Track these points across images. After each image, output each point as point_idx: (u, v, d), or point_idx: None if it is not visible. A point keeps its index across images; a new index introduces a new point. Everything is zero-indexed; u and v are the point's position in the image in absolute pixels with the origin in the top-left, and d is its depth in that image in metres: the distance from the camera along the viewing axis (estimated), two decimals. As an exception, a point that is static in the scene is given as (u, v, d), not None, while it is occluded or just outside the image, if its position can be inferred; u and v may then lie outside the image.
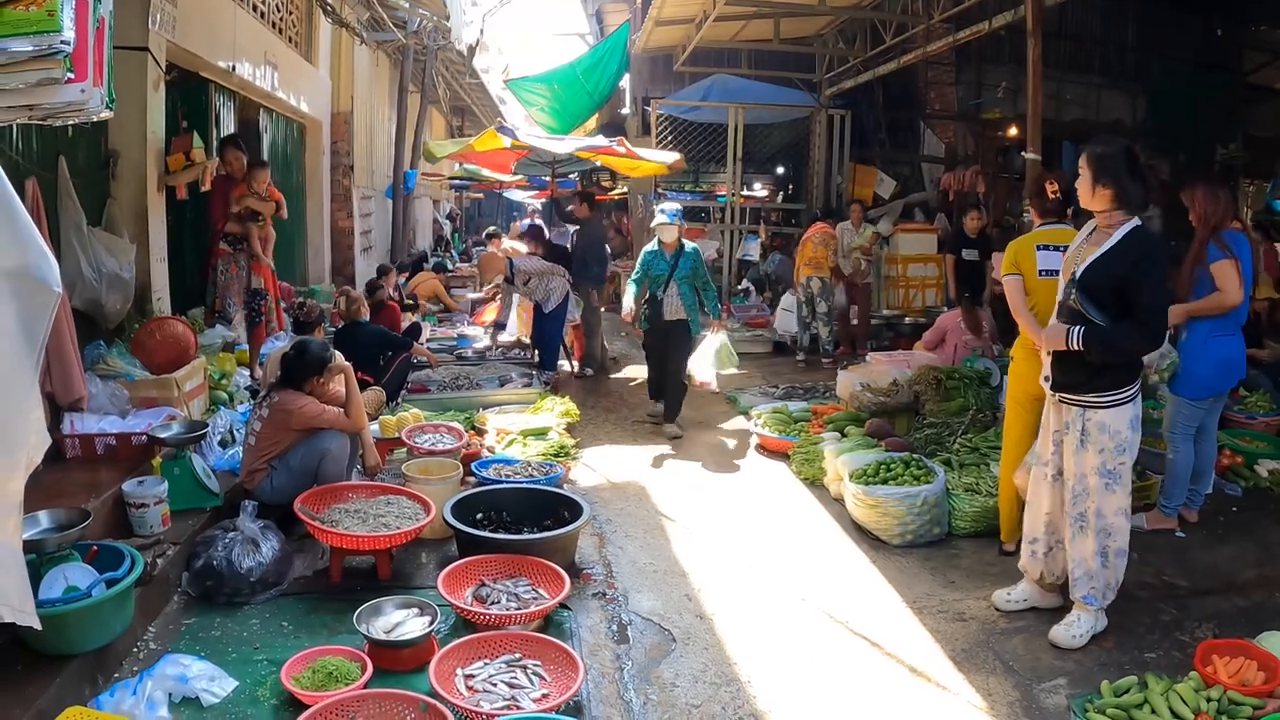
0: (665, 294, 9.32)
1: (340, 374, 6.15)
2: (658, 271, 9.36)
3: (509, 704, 4.06)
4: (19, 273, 3.30)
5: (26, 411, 3.46)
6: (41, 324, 3.41)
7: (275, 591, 5.34)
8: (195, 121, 9.23)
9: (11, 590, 3.18)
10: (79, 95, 2.56)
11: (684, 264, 9.36)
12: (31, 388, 3.47)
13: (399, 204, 17.07)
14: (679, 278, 9.33)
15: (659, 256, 9.39)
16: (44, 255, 3.35)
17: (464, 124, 32.10)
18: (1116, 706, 4.10)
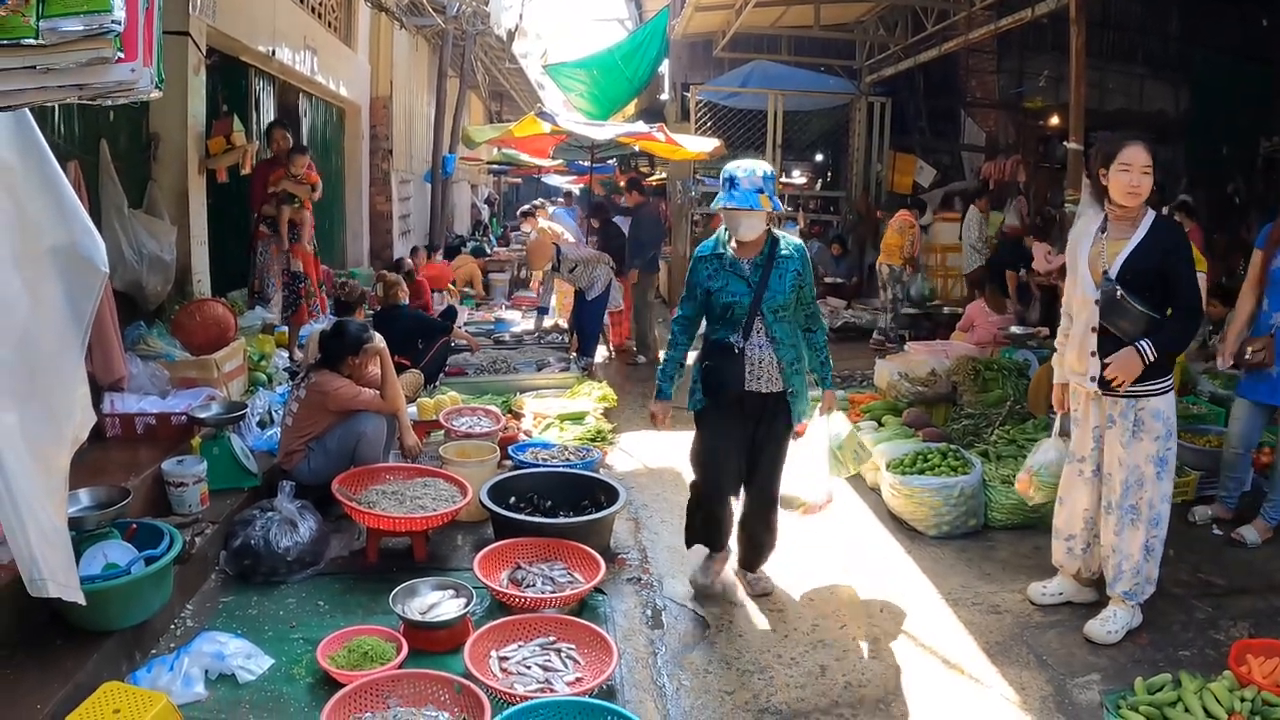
0: (748, 342, 5.08)
1: (377, 355, 6.16)
2: (728, 298, 5.07)
3: (543, 687, 4.06)
4: (66, 251, 3.32)
5: (73, 388, 3.49)
6: (88, 302, 3.43)
7: (312, 571, 5.37)
8: (235, 106, 9.26)
9: (58, 565, 3.21)
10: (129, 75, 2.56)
11: (781, 279, 5.07)
12: (78, 365, 3.49)
13: (437, 188, 17.11)
14: (772, 307, 5.08)
15: (727, 269, 5.10)
16: (90, 234, 3.37)
17: (502, 109, 32.12)
18: (1150, 704, 4.04)
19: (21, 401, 3.04)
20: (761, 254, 5.06)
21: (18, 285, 3.06)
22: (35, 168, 3.21)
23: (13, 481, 2.89)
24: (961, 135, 18.43)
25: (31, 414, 3.11)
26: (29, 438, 3.05)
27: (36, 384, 3.19)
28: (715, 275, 5.08)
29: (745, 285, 5.01)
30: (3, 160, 3.08)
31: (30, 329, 3.13)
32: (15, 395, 2.99)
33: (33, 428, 3.10)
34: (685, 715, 4.28)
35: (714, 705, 4.36)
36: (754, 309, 5.02)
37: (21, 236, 3.11)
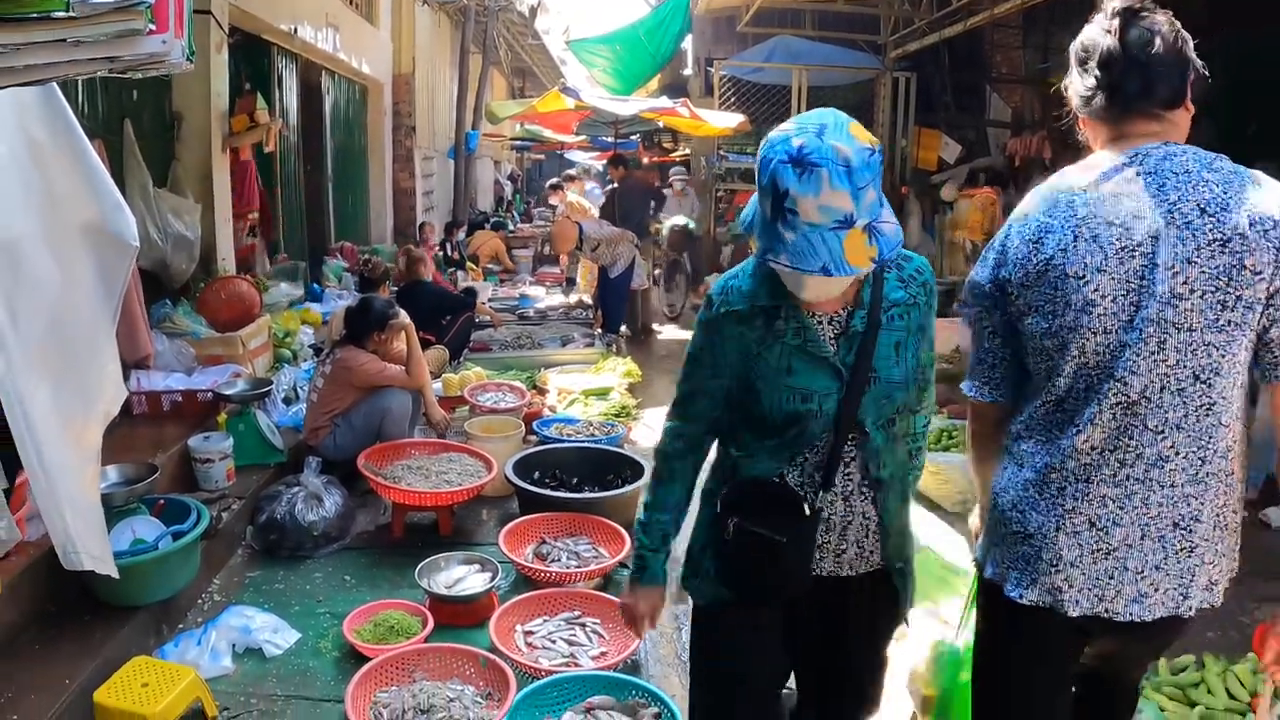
0: (830, 490, 2.49)
1: (402, 331, 6.16)
2: (796, 402, 2.42)
3: (568, 661, 4.08)
4: (96, 227, 3.33)
5: (104, 363, 3.50)
6: (118, 277, 3.44)
7: (338, 546, 5.39)
8: (258, 84, 9.26)
9: (91, 538, 3.23)
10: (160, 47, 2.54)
11: (898, 351, 2.47)
12: (109, 340, 3.51)
13: (460, 164, 17.09)
14: (881, 415, 2.48)
15: (788, 339, 2.43)
16: (120, 209, 3.38)
17: (525, 85, 32.05)
18: (1173, 685, 4.02)
19: (54, 377, 3.05)
20: (858, 304, 2.43)
21: (49, 261, 3.07)
22: (65, 144, 3.21)
23: (46, 455, 2.91)
24: (987, 111, 18.27)
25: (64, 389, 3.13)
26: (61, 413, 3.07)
27: (68, 360, 3.21)
28: (764, 351, 2.43)
29: (831, 373, 2.41)
30: (33, 137, 3.09)
31: (62, 305, 3.14)
32: (48, 370, 3.01)
33: (65, 403, 3.12)
34: (710, 689, 4.27)
35: (737, 680, 4.35)
36: (845, 421, 2.42)
37: (52, 213, 3.12)
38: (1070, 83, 2.44)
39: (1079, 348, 2.19)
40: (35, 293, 2.98)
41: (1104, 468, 2.22)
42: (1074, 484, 2.25)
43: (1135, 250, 2.13)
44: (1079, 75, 2.38)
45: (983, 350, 2.46)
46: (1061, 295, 2.20)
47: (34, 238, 3.00)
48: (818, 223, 2.09)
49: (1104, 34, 2.30)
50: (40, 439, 2.87)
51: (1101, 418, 2.19)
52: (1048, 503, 2.30)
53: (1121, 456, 2.20)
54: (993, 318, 2.40)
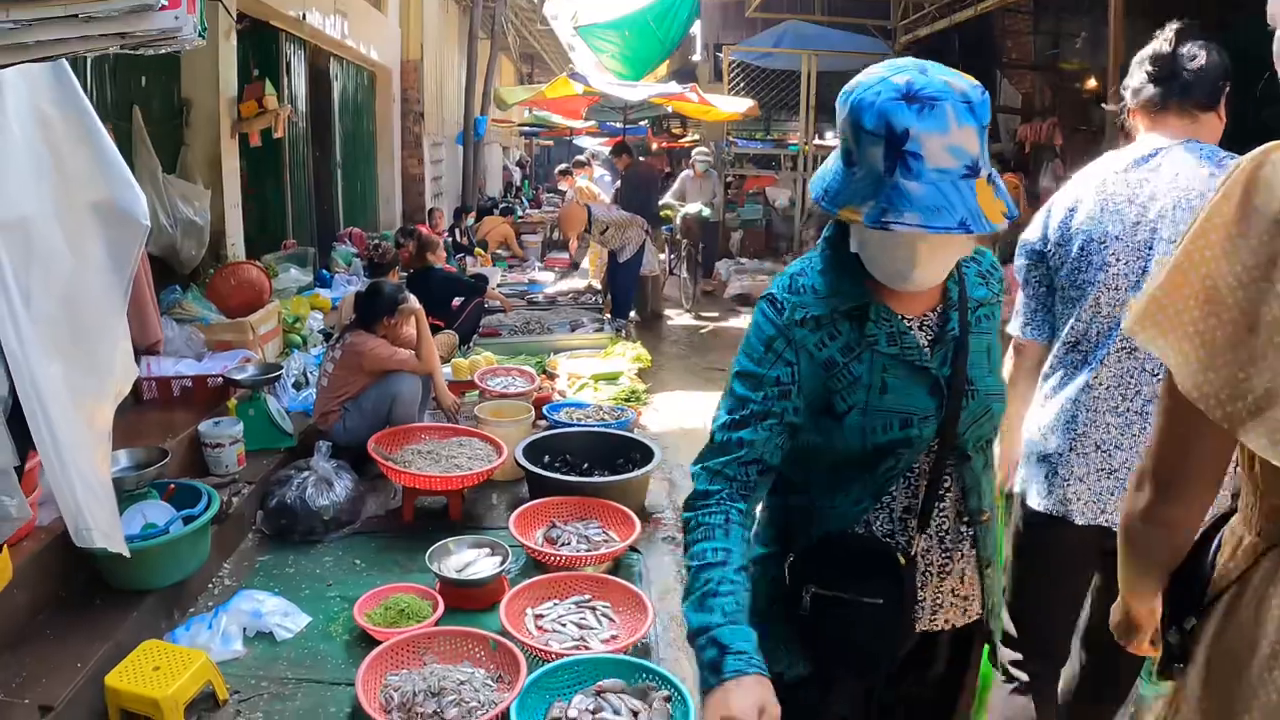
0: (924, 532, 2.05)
1: (412, 316, 6.16)
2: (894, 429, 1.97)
3: (578, 644, 4.07)
4: (107, 205, 3.33)
5: (115, 342, 3.50)
6: (129, 256, 3.44)
7: (348, 530, 5.40)
8: (266, 70, 9.24)
9: (103, 517, 3.23)
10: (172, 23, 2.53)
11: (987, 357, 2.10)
12: (120, 319, 3.50)
13: (469, 150, 17.07)
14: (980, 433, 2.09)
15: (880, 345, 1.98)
16: (131, 188, 3.37)
17: (533, 71, 32.02)
18: None
19: (65, 354, 3.05)
20: (947, 304, 2.09)
21: (60, 239, 3.06)
22: (76, 122, 3.21)
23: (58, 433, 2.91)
24: (997, 97, 18.19)
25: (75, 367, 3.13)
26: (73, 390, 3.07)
27: (79, 337, 3.20)
28: (850, 364, 2.00)
29: (930, 388, 2.02)
30: (43, 114, 3.08)
31: (73, 282, 3.14)
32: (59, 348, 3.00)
33: (76, 380, 3.11)
34: (720, 672, 4.27)
35: (748, 663, 4.34)
36: (946, 447, 2.04)
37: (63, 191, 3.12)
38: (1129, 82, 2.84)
39: (1094, 300, 2.71)
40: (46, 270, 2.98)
41: (1110, 400, 2.71)
42: (1085, 413, 2.74)
43: (1146, 225, 2.63)
44: (1136, 73, 2.81)
45: (1030, 298, 2.96)
46: (1085, 255, 2.73)
47: (45, 216, 3.00)
48: (947, 167, 1.74)
49: (1163, 43, 2.75)
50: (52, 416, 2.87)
51: (1109, 359, 2.70)
52: (1064, 428, 2.78)
53: (1124, 392, 2.70)
54: (1038, 271, 2.91)
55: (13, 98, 2.88)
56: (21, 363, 2.78)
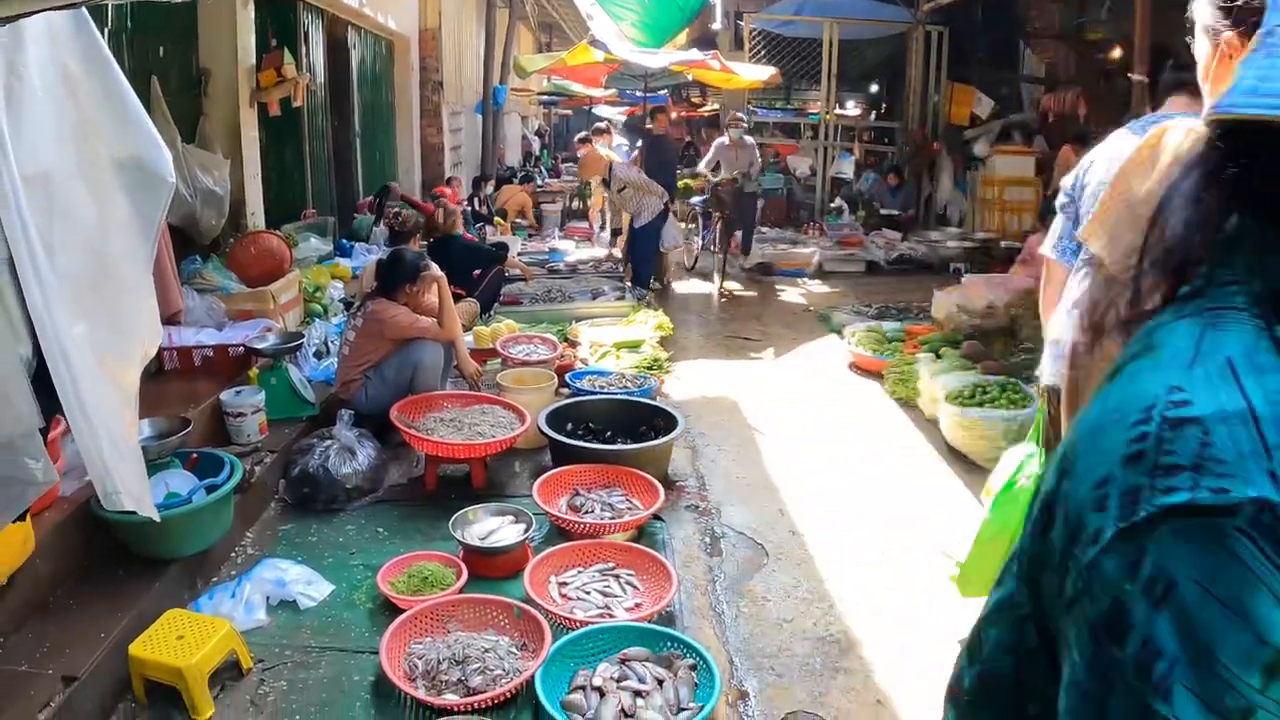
0: None
1: (434, 284, 6.13)
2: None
3: (602, 612, 4.06)
4: (132, 161, 3.29)
5: (141, 301, 3.47)
6: (155, 214, 3.40)
7: (371, 498, 5.39)
8: (284, 40, 9.19)
9: (132, 479, 3.20)
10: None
11: None
12: (146, 278, 3.47)
13: (489, 120, 16.99)
14: None
15: None
16: (157, 145, 3.33)
17: (551, 40, 31.85)
18: None
19: (90, 313, 3.02)
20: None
21: (82, 193, 3.03)
22: (99, 77, 3.16)
23: (84, 393, 2.87)
24: (1021, 67, 18.02)
25: (101, 326, 3.09)
26: (99, 350, 3.03)
27: (104, 296, 3.17)
28: None
29: None
30: (68, 69, 3.04)
31: (97, 239, 3.10)
32: (84, 306, 2.97)
33: (102, 340, 3.08)
34: (744, 642, 4.26)
35: (772, 633, 4.34)
36: None
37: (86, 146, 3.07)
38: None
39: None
40: (70, 227, 2.94)
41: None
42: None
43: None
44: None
45: (1064, 229, 3.77)
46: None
47: (68, 171, 2.96)
48: None
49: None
50: (78, 376, 2.84)
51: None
52: (1070, 321, 3.58)
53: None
54: (1069, 209, 3.75)
55: (35, 51, 2.83)
56: (46, 321, 2.74)
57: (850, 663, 4.13)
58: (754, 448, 6.66)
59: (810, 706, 3.84)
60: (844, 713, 3.80)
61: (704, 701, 3.42)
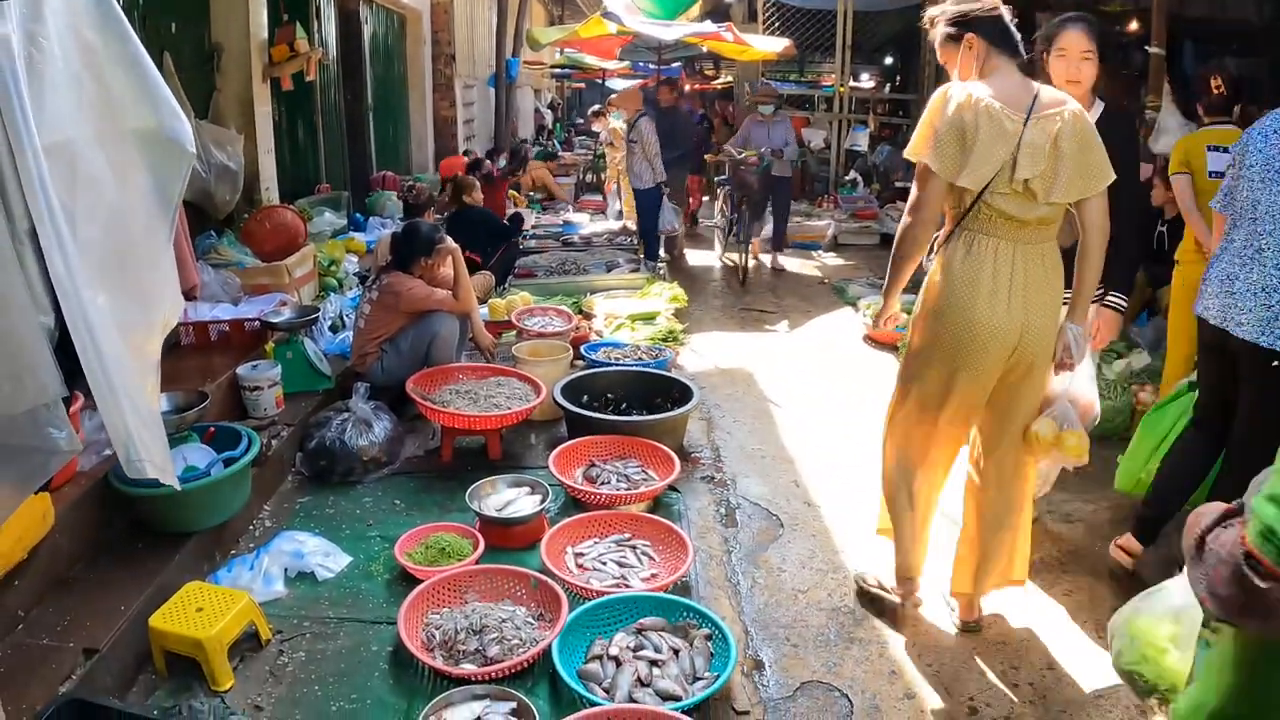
0: None
1: (449, 256, 6.13)
2: None
3: (618, 582, 4.08)
4: (152, 132, 3.28)
5: (162, 271, 3.47)
6: (175, 184, 3.40)
7: (387, 470, 5.41)
8: (296, 14, 9.18)
9: (155, 447, 3.21)
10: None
11: None
12: (166, 248, 3.47)
13: (501, 93, 16.98)
14: None
15: None
16: (176, 115, 3.33)
17: (564, 13, 31.77)
18: None
19: (112, 282, 3.02)
20: None
21: (103, 163, 3.03)
22: (118, 48, 3.16)
23: (108, 361, 2.88)
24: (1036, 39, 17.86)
25: (122, 295, 3.09)
26: (121, 318, 3.03)
27: (126, 266, 3.17)
28: None
29: None
30: (87, 40, 3.04)
31: (118, 209, 3.10)
32: (106, 275, 2.97)
33: (123, 310, 3.08)
34: (759, 612, 4.28)
35: (788, 603, 4.35)
36: None
37: (106, 116, 3.07)
38: None
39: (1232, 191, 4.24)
40: (92, 196, 2.94)
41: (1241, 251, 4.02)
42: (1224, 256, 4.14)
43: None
44: None
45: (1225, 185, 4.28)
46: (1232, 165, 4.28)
47: (88, 140, 2.96)
48: None
49: None
50: (101, 344, 2.84)
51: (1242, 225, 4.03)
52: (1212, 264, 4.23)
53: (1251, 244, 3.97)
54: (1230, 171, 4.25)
55: (53, 22, 2.83)
56: (70, 290, 2.75)
57: (864, 633, 4.13)
58: (769, 419, 6.66)
59: (825, 677, 3.85)
60: (858, 683, 3.81)
61: (719, 671, 3.44)
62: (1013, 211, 3.52)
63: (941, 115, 3.54)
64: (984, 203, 3.54)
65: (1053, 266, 3.67)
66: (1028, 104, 3.56)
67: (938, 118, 3.56)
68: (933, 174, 3.54)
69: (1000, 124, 3.48)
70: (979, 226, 3.59)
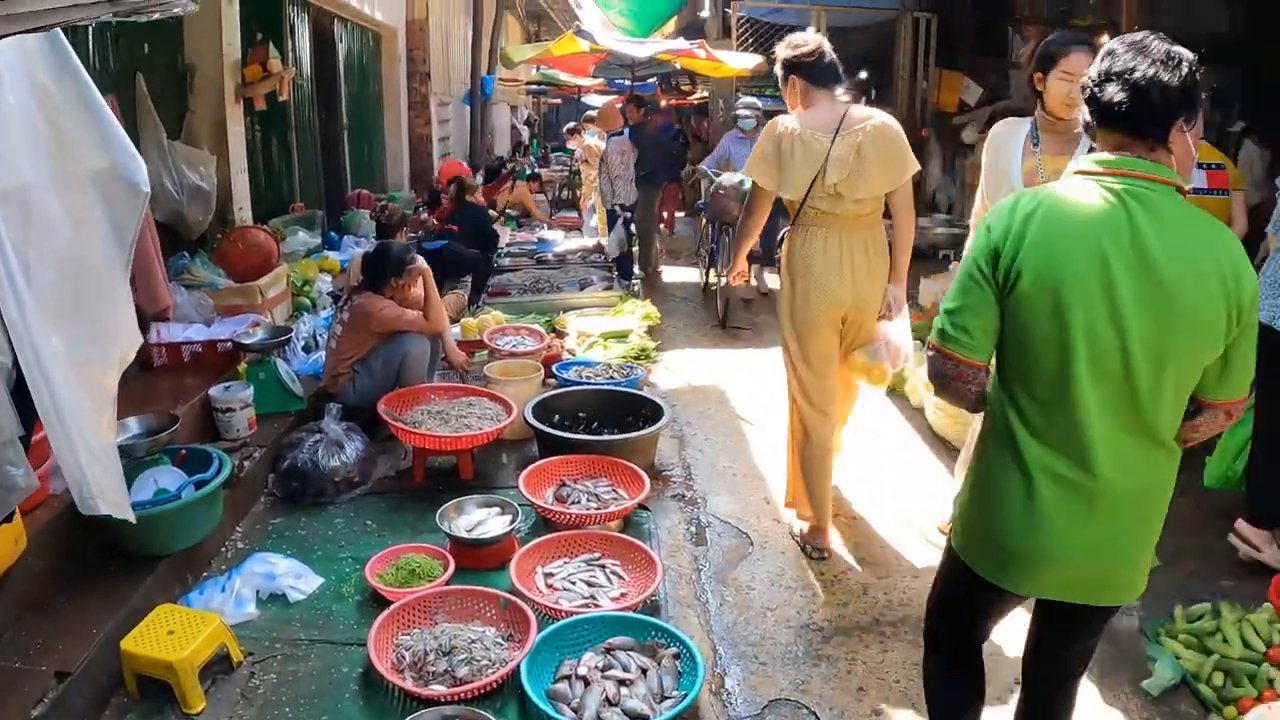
0: None
1: (420, 276, 6.17)
2: None
3: (587, 602, 4.10)
4: (106, 173, 3.33)
5: (118, 310, 3.51)
6: (131, 223, 3.44)
7: (359, 491, 5.43)
8: (270, 34, 9.18)
9: (108, 484, 3.25)
10: (162, -12, 2.53)
11: None
12: (123, 286, 3.51)
13: (477, 110, 17.01)
14: None
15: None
16: (131, 156, 3.37)
17: (540, 30, 31.84)
18: (1189, 633, 4.05)
19: (68, 323, 3.06)
20: None
21: (59, 208, 3.07)
22: (72, 91, 3.20)
23: (61, 402, 2.92)
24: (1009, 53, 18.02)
25: (79, 335, 3.14)
26: (76, 359, 3.08)
27: (82, 306, 3.21)
28: None
29: None
30: (40, 84, 3.08)
31: (74, 251, 3.15)
32: (62, 317, 3.01)
33: (79, 349, 3.12)
34: (728, 630, 4.33)
35: (756, 621, 4.41)
36: None
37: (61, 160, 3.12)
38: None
39: None
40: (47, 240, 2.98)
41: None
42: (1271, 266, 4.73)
43: None
44: None
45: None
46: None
47: (43, 185, 3.00)
48: None
49: None
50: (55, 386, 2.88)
51: None
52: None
53: None
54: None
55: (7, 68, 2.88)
56: (23, 333, 2.78)
57: (832, 650, 4.18)
58: (741, 437, 6.71)
59: (792, 694, 3.89)
60: (826, 700, 3.85)
61: (687, 690, 3.47)
62: (828, 209, 4.69)
63: (766, 143, 4.79)
64: (808, 204, 4.73)
65: (875, 246, 4.81)
66: (835, 125, 4.67)
67: (764, 144, 4.81)
68: (759, 186, 4.89)
69: (810, 146, 4.65)
70: (808, 221, 4.79)
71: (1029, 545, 2.50)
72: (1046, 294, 2.33)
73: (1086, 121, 2.49)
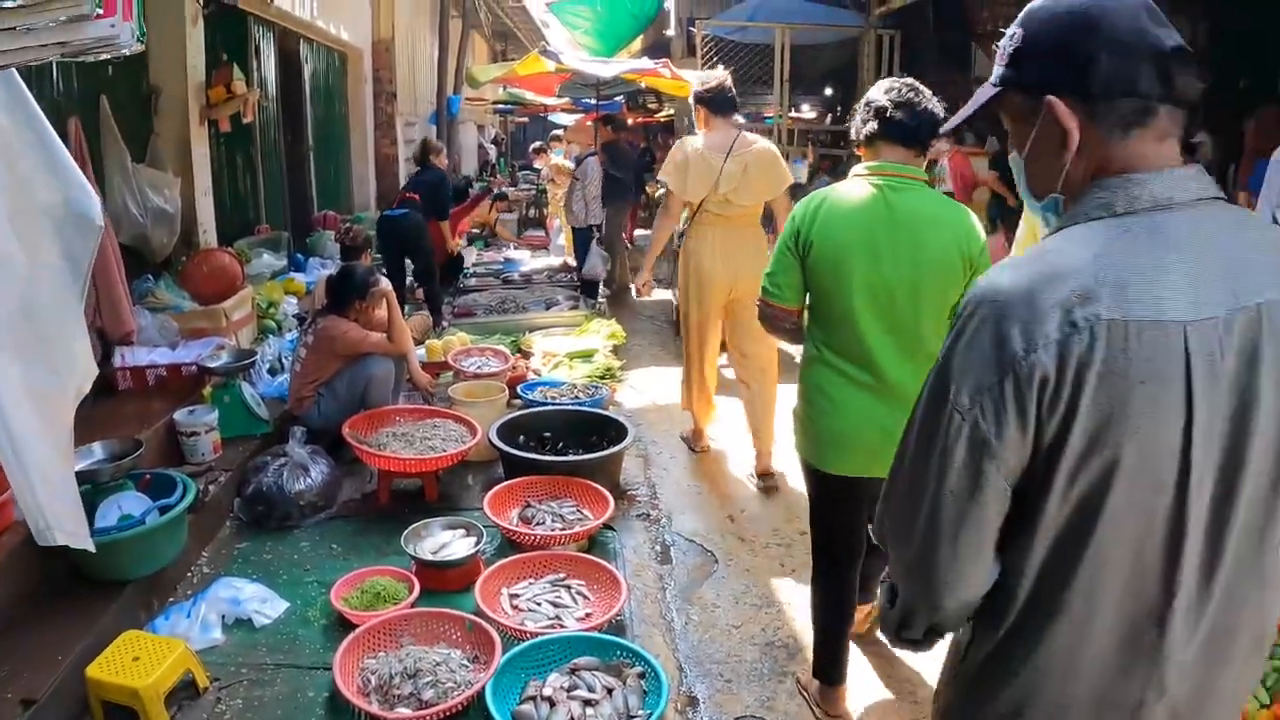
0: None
1: (384, 299, 6.19)
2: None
3: (553, 623, 4.13)
4: (60, 207, 3.35)
5: (74, 341, 3.53)
6: (85, 257, 3.46)
7: (325, 515, 5.44)
8: (234, 55, 9.18)
9: (65, 514, 3.26)
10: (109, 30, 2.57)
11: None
12: (78, 319, 3.53)
13: (443, 130, 17.01)
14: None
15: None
16: (84, 190, 3.39)
17: (507, 49, 31.85)
18: None
19: (24, 356, 3.08)
20: None
21: (13, 243, 3.08)
22: (25, 126, 3.23)
23: (16, 435, 2.94)
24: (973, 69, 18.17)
25: (34, 368, 3.15)
26: (32, 391, 3.09)
27: (38, 339, 3.23)
28: None
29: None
30: None
31: (29, 286, 3.16)
32: (17, 350, 3.03)
33: (36, 381, 3.14)
34: (694, 649, 4.36)
35: (721, 639, 4.44)
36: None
37: (15, 195, 3.13)
38: None
39: None
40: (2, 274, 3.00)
41: None
42: None
43: None
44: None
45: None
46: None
47: (-2, 221, 3.03)
48: None
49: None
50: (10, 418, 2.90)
51: None
52: None
53: None
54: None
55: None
56: None
57: (798, 667, 4.21)
58: (706, 455, 6.74)
59: (758, 711, 3.93)
60: (791, 717, 3.89)
61: (652, 709, 3.50)
62: (718, 211, 6.12)
63: (677, 156, 6.12)
64: (703, 208, 6.15)
65: (753, 240, 6.25)
66: (728, 147, 6.00)
67: (675, 156, 6.14)
68: (670, 191, 6.19)
69: (708, 162, 6.00)
70: (703, 220, 6.22)
71: (837, 427, 3.46)
72: (829, 254, 3.36)
73: (870, 133, 3.48)
